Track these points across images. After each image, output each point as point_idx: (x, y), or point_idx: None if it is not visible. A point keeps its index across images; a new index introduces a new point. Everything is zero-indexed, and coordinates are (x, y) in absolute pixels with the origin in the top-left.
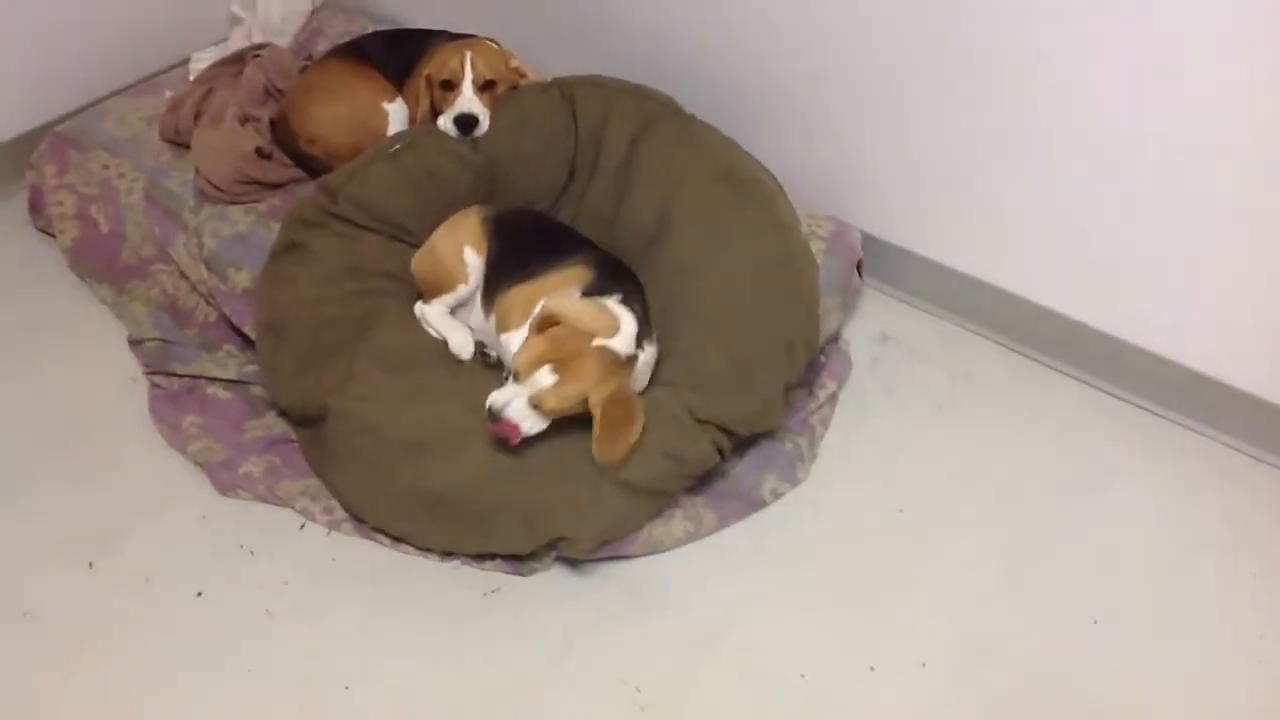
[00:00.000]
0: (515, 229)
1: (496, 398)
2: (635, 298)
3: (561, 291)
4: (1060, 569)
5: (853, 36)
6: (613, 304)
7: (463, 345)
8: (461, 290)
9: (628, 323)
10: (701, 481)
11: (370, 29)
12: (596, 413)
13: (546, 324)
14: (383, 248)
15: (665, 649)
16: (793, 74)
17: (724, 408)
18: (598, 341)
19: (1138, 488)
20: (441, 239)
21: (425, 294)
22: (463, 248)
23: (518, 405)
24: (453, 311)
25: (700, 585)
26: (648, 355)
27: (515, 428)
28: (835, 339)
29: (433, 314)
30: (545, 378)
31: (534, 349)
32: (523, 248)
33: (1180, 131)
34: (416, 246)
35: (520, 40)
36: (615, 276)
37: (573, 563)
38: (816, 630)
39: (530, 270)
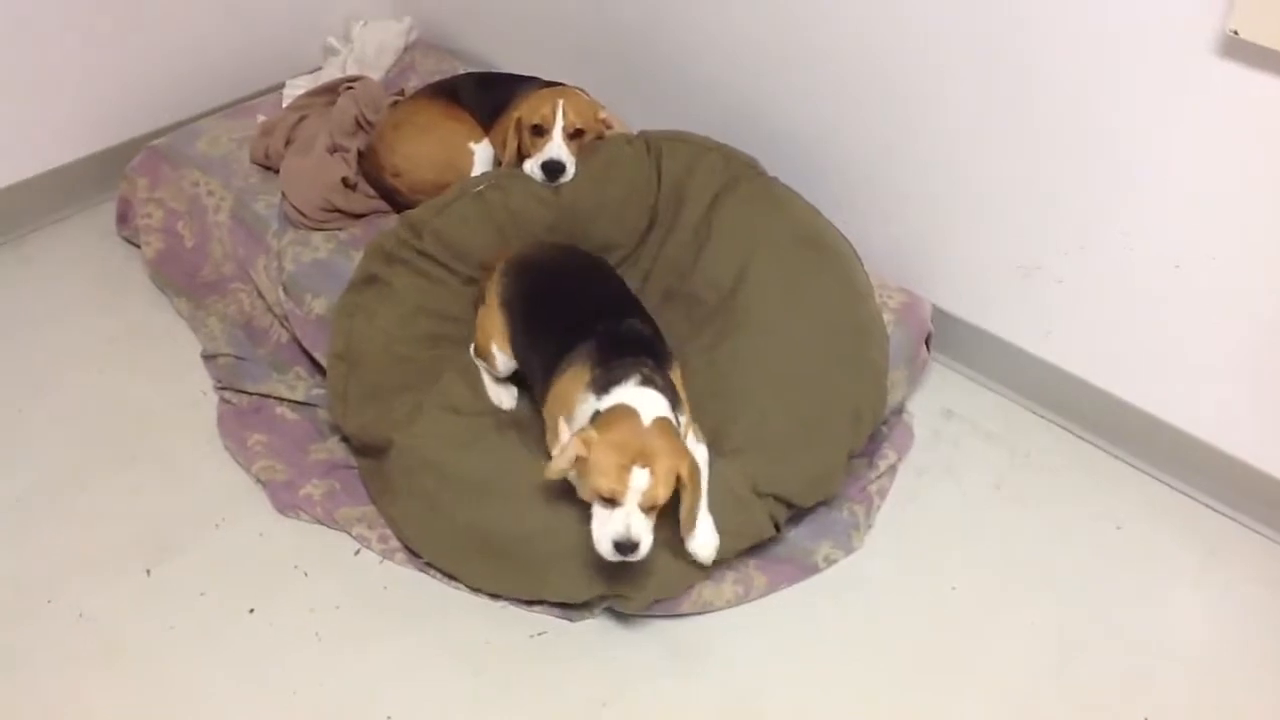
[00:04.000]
0: (526, 299)
1: (622, 533)
2: (646, 367)
3: (569, 399)
4: (1112, 665)
5: (936, 113)
6: (631, 394)
7: (499, 396)
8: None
9: (654, 400)
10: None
11: (460, 69)
12: (689, 486)
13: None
14: (460, 291)
15: (705, 710)
16: (873, 143)
17: (785, 475)
18: (650, 418)
19: (1196, 587)
20: (481, 318)
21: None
22: (491, 340)
23: (639, 523)
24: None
25: (745, 649)
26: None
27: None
28: (899, 411)
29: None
30: (641, 480)
31: (608, 463)
32: (533, 327)
33: (1264, 235)
34: None
35: (606, 94)
36: (619, 353)
37: (620, 614)
38: (860, 706)
39: (543, 368)
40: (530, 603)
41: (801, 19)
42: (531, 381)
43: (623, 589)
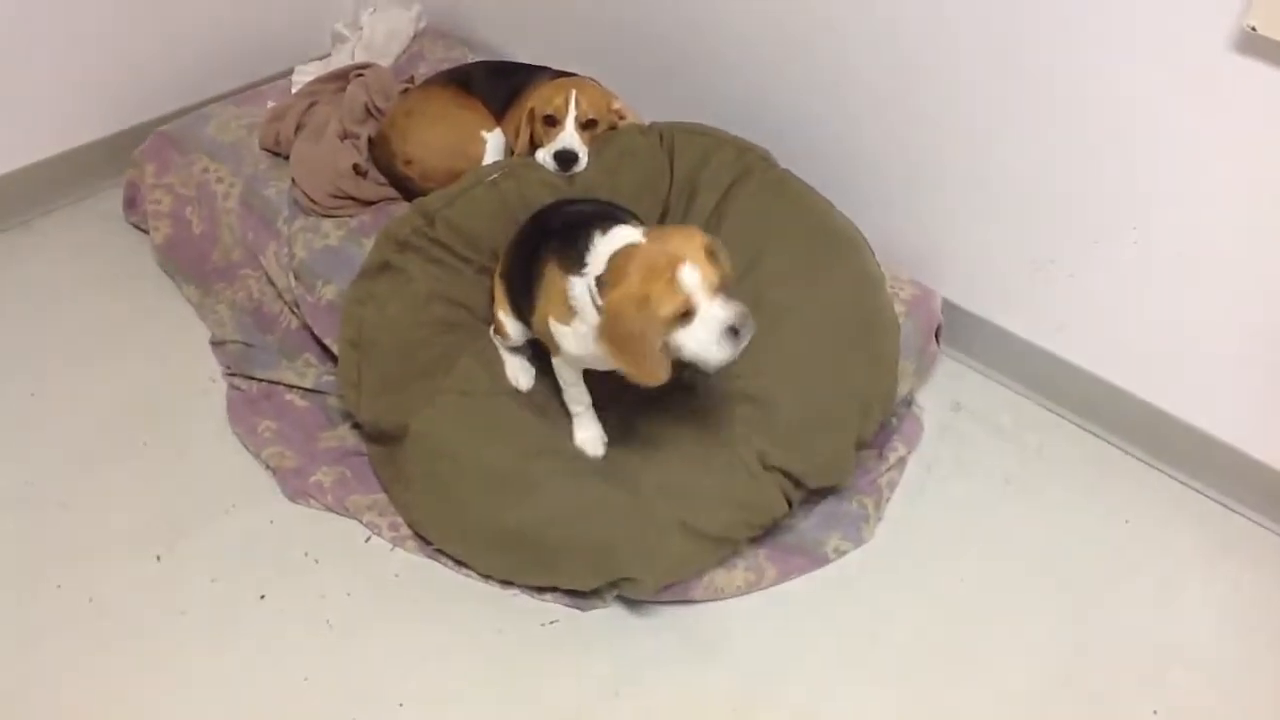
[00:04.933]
0: (516, 256)
1: (730, 316)
2: (602, 221)
3: (558, 299)
4: (1122, 658)
5: (951, 105)
6: (619, 234)
7: (515, 374)
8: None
9: (633, 230)
10: (766, 533)
11: (469, 58)
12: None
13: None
14: (474, 280)
15: (716, 698)
16: (887, 135)
17: (794, 457)
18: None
19: (1206, 582)
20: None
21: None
22: (498, 309)
23: (728, 309)
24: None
25: (756, 638)
26: None
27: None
28: (909, 403)
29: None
30: (694, 276)
31: (658, 294)
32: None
33: (1273, 228)
34: None
35: (617, 84)
36: (573, 231)
37: (631, 602)
38: (870, 697)
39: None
40: (541, 590)
41: (816, 10)
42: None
43: (631, 570)
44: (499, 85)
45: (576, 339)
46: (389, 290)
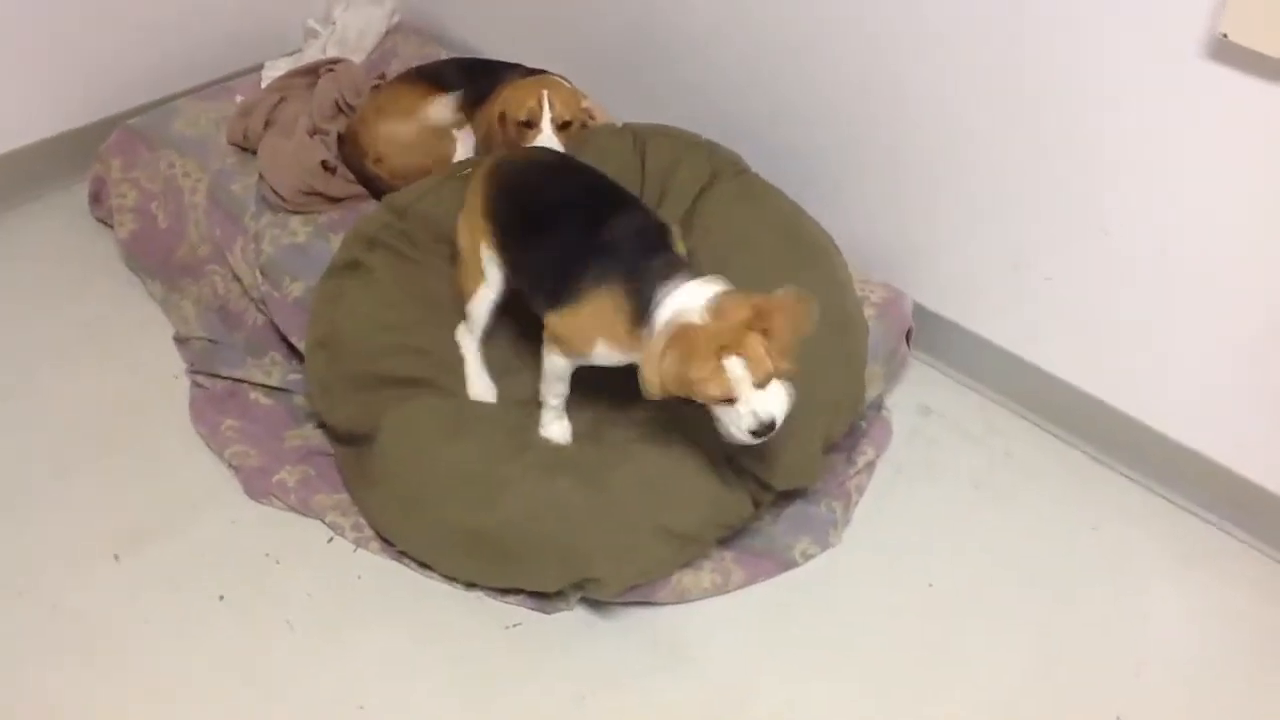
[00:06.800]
0: (514, 204)
1: (767, 412)
2: (669, 261)
3: (611, 329)
4: (1087, 663)
5: (923, 108)
6: (685, 294)
7: (479, 390)
8: (485, 293)
9: (701, 288)
10: (734, 536)
11: (442, 55)
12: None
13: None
14: (445, 273)
15: (683, 703)
16: (858, 138)
17: (762, 459)
18: (722, 291)
19: (1172, 588)
20: (461, 226)
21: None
22: (478, 247)
23: (780, 397)
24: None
25: (723, 643)
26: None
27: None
28: (878, 407)
29: (465, 346)
30: (758, 350)
31: (702, 373)
32: (529, 236)
33: (1250, 239)
34: None
35: (589, 83)
36: (649, 259)
37: (596, 604)
38: (838, 701)
39: (555, 290)
40: (505, 592)
41: (787, 12)
42: (532, 292)
43: (597, 570)
44: (469, 83)
45: (610, 356)
46: (358, 289)
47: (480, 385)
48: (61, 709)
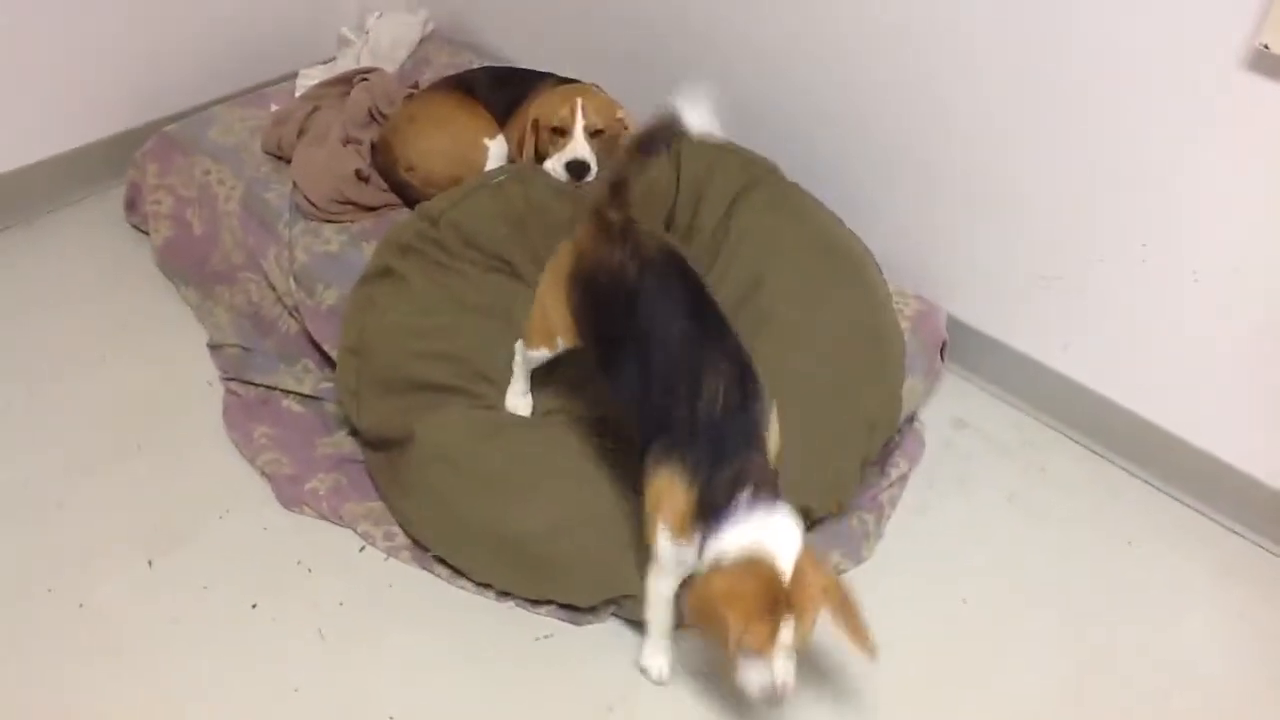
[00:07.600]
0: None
1: (779, 679)
2: (752, 473)
3: (672, 507)
4: (1124, 683)
5: (959, 121)
6: (750, 532)
7: (517, 406)
8: (545, 355)
9: (779, 530)
10: None
11: (475, 63)
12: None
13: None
14: (479, 279)
15: (710, 717)
16: (894, 149)
17: (799, 485)
18: (781, 567)
19: (1210, 605)
20: (542, 289)
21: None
22: (554, 328)
23: (787, 668)
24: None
25: None
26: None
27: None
28: (911, 420)
29: (518, 364)
30: (787, 634)
31: (743, 618)
32: (611, 364)
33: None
34: (515, 277)
35: (622, 93)
36: (718, 459)
37: (626, 619)
38: (869, 717)
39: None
40: (536, 603)
41: (824, 23)
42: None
43: (632, 588)
44: (502, 92)
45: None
46: (391, 296)
47: (519, 401)
48: (89, 708)
